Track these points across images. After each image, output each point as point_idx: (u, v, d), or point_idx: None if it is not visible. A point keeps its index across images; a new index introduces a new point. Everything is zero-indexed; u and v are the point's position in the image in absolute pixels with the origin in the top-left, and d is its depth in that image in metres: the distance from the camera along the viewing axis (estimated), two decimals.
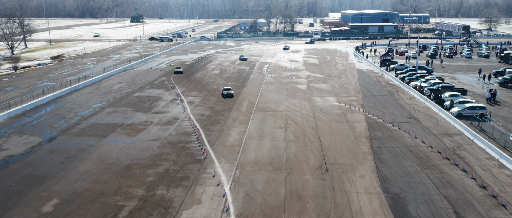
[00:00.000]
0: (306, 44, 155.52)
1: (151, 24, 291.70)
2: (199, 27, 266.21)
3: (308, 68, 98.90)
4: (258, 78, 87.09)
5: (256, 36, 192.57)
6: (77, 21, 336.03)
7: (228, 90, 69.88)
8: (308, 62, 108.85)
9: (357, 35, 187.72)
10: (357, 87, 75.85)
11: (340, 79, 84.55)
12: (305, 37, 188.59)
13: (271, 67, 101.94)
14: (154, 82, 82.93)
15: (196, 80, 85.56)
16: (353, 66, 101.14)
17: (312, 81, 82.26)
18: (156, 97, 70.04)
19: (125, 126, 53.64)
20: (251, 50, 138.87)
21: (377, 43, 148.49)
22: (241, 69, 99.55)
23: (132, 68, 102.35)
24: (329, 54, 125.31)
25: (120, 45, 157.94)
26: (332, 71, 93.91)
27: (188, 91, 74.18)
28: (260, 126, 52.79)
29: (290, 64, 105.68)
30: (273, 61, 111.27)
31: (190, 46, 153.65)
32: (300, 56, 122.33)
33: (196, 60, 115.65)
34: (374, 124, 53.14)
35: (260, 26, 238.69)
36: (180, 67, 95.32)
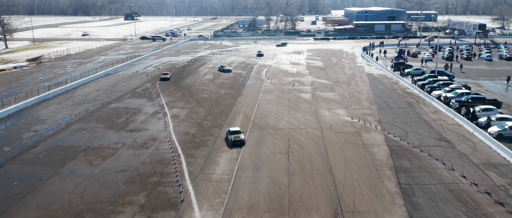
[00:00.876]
0: (309, 45, 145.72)
1: (146, 22, 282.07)
2: (195, 25, 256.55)
3: (312, 73, 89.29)
4: (256, 85, 77.53)
5: (255, 35, 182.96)
6: (69, 19, 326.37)
7: (237, 136, 45.22)
8: (312, 65, 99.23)
9: (363, 34, 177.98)
10: (370, 97, 66.23)
11: (349, 86, 74.95)
12: (307, 36, 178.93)
13: (271, 71, 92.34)
14: (137, 90, 73.34)
15: (185, 87, 75.96)
16: (362, 70, 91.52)
17: (318, 89, 72.67)
18: (136, 109, 60.44)
19: (90, 150, 44.06)
20: (249, 51, 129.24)
21: (385, 43, 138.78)
22: (237, 74, 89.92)
23: (116, 72, 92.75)
24: (335, 56, 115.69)
25: (108, 45, 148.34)
26: (340, 76, 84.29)
27: (174, 102, 64.56)
28: (256, 151, 43.24)
29: (291, 68, 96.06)
30: (273, 64, 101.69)
31: (183, 47, 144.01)
32: (302, 58, 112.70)
33: (188, 63, 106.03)
34: (397, 148, 43.55)
35: (260, 24, 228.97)
36: (168, 73, 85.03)
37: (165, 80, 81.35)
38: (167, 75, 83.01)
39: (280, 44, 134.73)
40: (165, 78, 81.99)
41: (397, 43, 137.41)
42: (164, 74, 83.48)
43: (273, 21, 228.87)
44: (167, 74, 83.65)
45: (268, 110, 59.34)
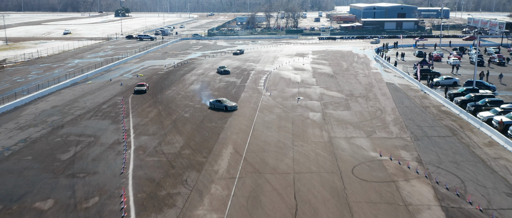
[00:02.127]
0: (313, 45, 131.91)
1: (137, 19, 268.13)
2: (190, 23, 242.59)
3: (320, 82, 75.52)
4: (252, 98, 63.78)
5: (254, 34, 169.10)
6: (57, 15, 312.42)
7: None
8: (318, 72, 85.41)
9: (372, 33, 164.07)
10: (397, 118, 52.46)
11: (368, 101, 61.14)
12: (311, 34, 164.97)
13: (270, 79, 78.59)
14: (102, 107, 59.59)
15: (164, 101, 62.22)
16: (379, 79, 77.71)
17: (329, 105, 58.91)
18: (92, 137, 46.73)
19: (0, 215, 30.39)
20: (246, 53, 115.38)
21: (399, 44, 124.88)
22: (231, 82, 76.19)
23: (86, 80, 79.01)
24: (344, 59, 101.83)
25: (89, 45, 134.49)
26: (354, 87, 70.49)
27: (145, 125, 50.85)
28: (248, 215, 29.55)
29: (295, 75, 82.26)
30: (273, 70, 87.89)
31: (172, 47, 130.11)
32: (307, 62, 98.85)
33: (174, 68, 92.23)
34: (458, 213, 29.79)
35: (259, 21, 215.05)
36: (144, 83, 70.18)
37: (140, 93, 67.27)
38: (143, 87, 68.61)
39: (237, 52, 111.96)
40: (140, 90, 67.66)
41: (413, 44, 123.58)
42: (139, 85, 69.12)
43: (274, 18, 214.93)
44: (143, 85, 69.20)
45: (266, 138, 45.60)
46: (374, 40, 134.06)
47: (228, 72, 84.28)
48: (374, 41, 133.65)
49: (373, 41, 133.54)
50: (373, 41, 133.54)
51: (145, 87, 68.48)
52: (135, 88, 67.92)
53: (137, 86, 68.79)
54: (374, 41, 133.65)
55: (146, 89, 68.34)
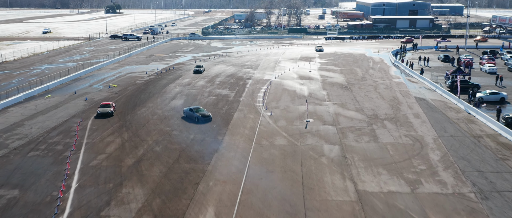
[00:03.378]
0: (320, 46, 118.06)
1: (128, 16, 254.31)
2: (184, 20, 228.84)
3: (332, 95, 61.93)
4: (248, 121, 50.23)
5: (253, 33, 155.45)
6: (44, 12, 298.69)
7: None
8: (329, 81, 71.84)
9: (384, 32, 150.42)
10: (445, 156, 38.87)
11: (399, 126, 47.55)
12: (316, 34, 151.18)
13: (271, 91, 65.02)
14: (51, 134, 46.11)
15: (134, 126, 48.68)
16: (406, 92, 64.09)
17: (348, 133, 45.35)
18: (16, 189, 33.24)
19: None
20: (243, 56, 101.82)
21: (418, 46, 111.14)
22: (222, 96, 62.62)
23: (45, 93, 65.49)
24: (358, 64, 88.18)
25: (66, 46, 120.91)
26: (376, 104, 56.88)
27: (97, 167, 37.33)
28: None
29: (301, 86, 68.70)
30: (274, 79, 74.32)
31: (159, 49, 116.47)
32: (314, 68, 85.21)
33: (156, 75, 78.70)
34: None
35: (259, 18, 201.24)
36: (109, 104, 54.16)
37: (104, 117, 52.74)
38: (108, 108, 53.35)
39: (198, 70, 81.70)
40: (104, 113, 52.66)
41: (434, 45, 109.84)
42: (103, 106, 53.83)
43: (275, 15, 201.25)
44: (108, 106, 53.90)
45: (264, 194, 32.06)
46: (406, 40, 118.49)
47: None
48: (405, 41, 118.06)
49: (403, 41, 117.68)
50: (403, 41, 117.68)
51: (110, 108, 53.50)
52: (98, 110, 53.09)
53: (100, 107, 53.67)
54: (405, 41, 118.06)
55: (113, 112, 53.47)
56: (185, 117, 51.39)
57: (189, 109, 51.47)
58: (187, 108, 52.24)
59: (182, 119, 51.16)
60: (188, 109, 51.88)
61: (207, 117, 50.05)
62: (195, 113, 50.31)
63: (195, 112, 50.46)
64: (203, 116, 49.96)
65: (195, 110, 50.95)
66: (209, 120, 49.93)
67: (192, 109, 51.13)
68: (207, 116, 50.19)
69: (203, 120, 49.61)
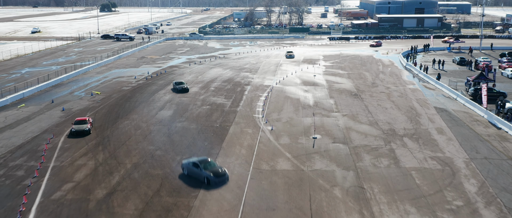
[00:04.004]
0: (324, 47, 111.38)
1: (124, 14, 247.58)
2: (181, 19, 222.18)
3: (341, 105, 55.32)
4: (245, 137, 43.64)
5: (253, 32, 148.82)
6: (37, 10, 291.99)
7: None
8: (336, 88, 65.22)
9: (391, 32, 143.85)
10: (483, 186, 32.23)
11: (422, 145, 40.93)
12: (319, 33, 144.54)
13: (272, 99, 58.42)
14: (14, 156, 39.53)
15: (112, 144, 42.13)
16: (423, 100, 57.45)
17: (363, 154, 38.75)
18: None
19: None
20: (241, 58, 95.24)
21: (430, 47, 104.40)
22: (217, 105, 56.04)
23: (20, 102, 58.91)
24: (366, 67, 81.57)
25: (53, 47, 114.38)
26: (392, 115, 50.23)
27: (59, 202, 30.78)
28: None
29: (305, 93, 62.08)
30: (275, 84, 67.73)
31: (152, 50, 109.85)
32: (319, 71, 78.62)
33: (146, 80, 72.14)
34: None
35: (259, 17, 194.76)
36: (85, 120, 45.98)
37: (80, 136, 44.37)
38: (84, 125, 44.94)
39: None
40: (79, 132, 44.36)
41: (447, 47, 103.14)
42: (78, 122, 45.39)
43: (275, 14, 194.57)
44: (85, 122, 45.84)
45: None
46: (452, 41, 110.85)
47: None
48: (452, 41, 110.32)
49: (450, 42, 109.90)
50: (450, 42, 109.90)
51: (87, 125, 45.35)
52: (72, 128, 45.03)
53: (75, 124, 45.40)
54: (452, 41, 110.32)
55: (89, 129, 45.62)
56: (186, 174, 34.54)
57: (193, 164, 33.84)
58: (188, 161, 34.58)
59: (169, 136, 44.55)
60: (190, 163, 34.22)
61: (222, 176, 32.80)
62: (204, 171, 32.77)
63: (202, 169, 32.90)
64: (216, 175, 32.65)
65: (203, 165, 33.26)
66: (224, 181, 32.87)
67: (198, 164, 33.44)
68: (222, 175, 32.90)
69: (217, 180, 32.46)
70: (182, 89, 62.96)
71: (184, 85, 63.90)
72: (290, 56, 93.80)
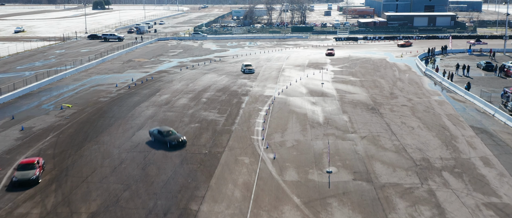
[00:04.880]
0: (326, 49, 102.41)
1: (117, 12, 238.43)
2: (177, 17, 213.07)
3: (356, 123, 46.37)
4: (239, 170, 34.78)
5: (252, 31, 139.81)
6: (28, 8, 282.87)
7: None
8: (349, 99, 56.24)
9: (401, 31, 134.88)
10: None
11: (467, 182, 32.12)
12: (323, 33, 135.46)
13: (274, 114, 49.51)
14: None
15: (69, 182, 33.33)
16: (455, 117, 48.46)
17: (394, 198, 29.97)
18: None
19: None
20: (239, 61, 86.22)
21: (448, 48, 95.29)
22: (209, 122, 47.11)
23: None
24: (380, 73, 72.62)
25: (33, 49, 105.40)
26: (421, 139, 41.26)
27: None
28: None
29: (313, 107, 53.12)
30: (277, 95, 58.78)
31: (141, 52, 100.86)
32: (327, 78, 69.63)
33: (128, 90, 63.17)
34: None
35: (259, 15, 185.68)
36: (33, 163, 33.75)
37: (23, 188, 32.34)
38: (30, 172, 32.73)
39: None
40: (24, 181, 32.16)
41: (468, 49, 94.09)
42: (22, 167, 33.31)
43: (276, 12, 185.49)
44: (32, 166, 33.30)
45: None
46: (474, 42, 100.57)
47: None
48: (473, 43, 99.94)
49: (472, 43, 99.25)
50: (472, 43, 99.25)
51: (34, 172, 32.89)
52: (13, 176, 32.83)
53: (18, 169, 33.28)
54: (473, 43, 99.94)
55: (38, 177, 32.93)
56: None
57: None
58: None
59: (145, 168, 35.64)
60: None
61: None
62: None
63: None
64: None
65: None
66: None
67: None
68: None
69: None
70: None
71: None
72: (249, 72, 73.63)
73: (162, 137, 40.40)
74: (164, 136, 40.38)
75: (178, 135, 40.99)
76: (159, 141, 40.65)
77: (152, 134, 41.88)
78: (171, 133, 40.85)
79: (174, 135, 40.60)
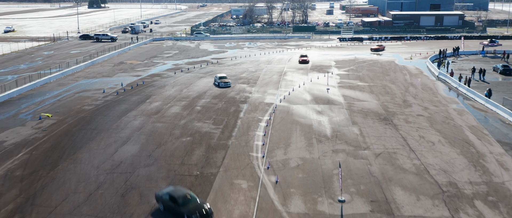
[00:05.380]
0: (334, 50, 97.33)
1: (114, 10, 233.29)
2: (174, 16, 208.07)
3: (368, 136, 41.38)
4: (236, 198, 29.92)
5: (252, 31, 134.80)
6: (23, 6, 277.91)
7: None
8: (358, 107, 51.25)
9: (407, 31, 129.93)
10: None
11: (505, 214, 27.08)
12: (326, 33, 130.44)
13: (275, 125, 44.57)
14: None
15: (34, 213, 28.26)
16: (478, 130, 43.43)
17: None
18: None
19: None
20: (238, 64, 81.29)
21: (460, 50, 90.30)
22: (202, 135, 42.16)
23: None
24: (390, 77, 67.63)
25: (21, 50, 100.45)
26: (444, 157, 36.28)
27: None
28: None
29: (318, 117, 48.14)
30: (279, 102, 53.80)
31: (134, 53, 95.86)
32: (333, 83, 64.64)
33: (116, 96, 58.20)
34: None
35: (259, 14, 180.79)
36: None
37: None
38: None
39: None
40: None
41: (481, 50, 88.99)
42: None
43: (277, 10, 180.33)
44: None
45: None
46: (487, 43, 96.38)
47: None
48: (487, 44, 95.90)
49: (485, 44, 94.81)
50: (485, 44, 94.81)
51: None
52: None
53: None
54: (487, 44, 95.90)
55: None
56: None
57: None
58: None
59: (124, 195, 30.65)
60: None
61: None
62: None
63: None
64: None
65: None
66: None
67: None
68: None
69: None
70: None
71: None
72: (225, 85, 61.97)
73: (177, 207, 27.20)
74: (180, 205, 27.15)
75: (201, 201, 27.86)
76: (173, 212, 27.56)
77: (160, 199, 28.39)
78: (190, 199, 27.71)
79: (195, 203, 27.47)
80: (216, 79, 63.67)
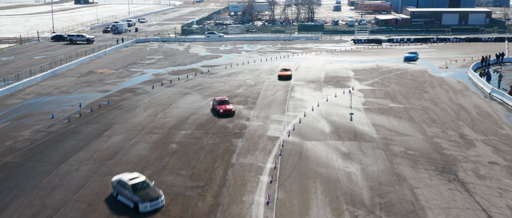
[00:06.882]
0: (348, 55, 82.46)
1: (101, 7, 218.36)
2: (167, 12, 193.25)
3: (427, 202, 27.08)
4: None
5: (252, 30, 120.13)
6: (4, 2, 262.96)
7: None
8: (399, 148, 36.78)
9: (429, 31, 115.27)
10: None
11: None
12: (336, 33, 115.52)
13: (285, 180, 30.18)
14: None
15: None
16: None
17: None
18: None
19: None
20: (234, 73, 66.72)
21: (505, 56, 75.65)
22: (172, 202, 27.61)
23: None
24: (428, 95, 53.06)
25: None
26: None
27: None
28: None
29: (345, 162, 33.71)
30: (287, 137, 39.28)
31: (110, 59, 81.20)
32: (356, 103, 50.00)
33: (65, 126, 43.73)
34: None
35: (259, 11, 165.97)
36: None
37: None
38: None
39: None
40: None
41: None
42: None
43: (280, 6, 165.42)
44: None
45: None
46: None
47: None
48: None
49: None
50: None
51: None
52: None
53: None
54: None
55: None
56: None
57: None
58: None
59: None
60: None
61: None
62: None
63: None
64: None
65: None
66: None
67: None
68: None
69: None
70: None
71: None
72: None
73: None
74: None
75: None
76: None
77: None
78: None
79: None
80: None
